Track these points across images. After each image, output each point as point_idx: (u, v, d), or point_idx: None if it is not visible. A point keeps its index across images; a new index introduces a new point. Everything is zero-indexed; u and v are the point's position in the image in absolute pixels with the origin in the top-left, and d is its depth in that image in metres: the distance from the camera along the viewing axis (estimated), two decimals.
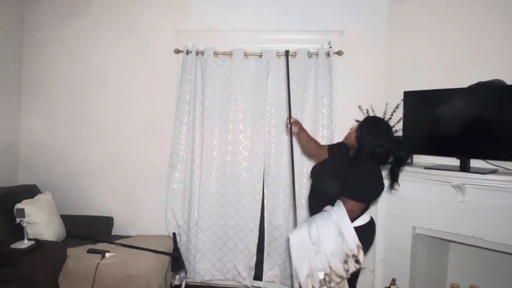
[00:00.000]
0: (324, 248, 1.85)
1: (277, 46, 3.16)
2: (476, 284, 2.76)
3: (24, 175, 3.46)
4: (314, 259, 1.85)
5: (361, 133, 1.98)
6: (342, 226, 1.85)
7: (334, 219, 1.88)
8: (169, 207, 3.24)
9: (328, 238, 1.86)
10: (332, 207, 1.94)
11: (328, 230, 1.87)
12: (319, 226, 1.89)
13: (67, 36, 3.43)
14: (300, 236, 1.91)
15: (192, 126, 3.19)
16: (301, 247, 1.90)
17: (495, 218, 2.43)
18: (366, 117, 2.17)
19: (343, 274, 1.82)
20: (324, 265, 1.83)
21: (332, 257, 1.83)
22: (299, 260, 1.89)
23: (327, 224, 1.88)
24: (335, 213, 1.89)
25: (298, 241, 1.91)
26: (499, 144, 2.41)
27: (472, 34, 2.71)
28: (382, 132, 1.97)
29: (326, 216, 1.92)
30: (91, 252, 2.65)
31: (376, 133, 1.95)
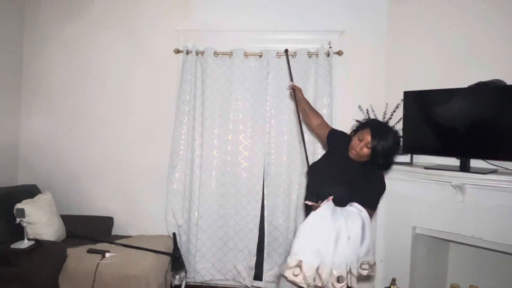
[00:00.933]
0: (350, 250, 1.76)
1: (277, 46, 3.15)
2: (476, 284, 2.76)
3: (24, 175, 3.46)
4: (335, 254, 1.72)
5: (379, 150, 1.86)
6: (366, 233, 1.80)
7: (364, 221, 1.81)
8: (169, 207, 3.24)
9: (356, 243, 1.77)
10: (358, 211, 1.84)
11: (357, 236, 1.78)
12: (349, 227, 1.77)
13: (67, 36, 3.43)
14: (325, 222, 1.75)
15: (192, 126, 3.19)
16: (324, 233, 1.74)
17: (495, 218, 2.43)
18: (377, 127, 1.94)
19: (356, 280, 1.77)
20: (342, 266, 1.73)
21: (357, 262, 1.77)
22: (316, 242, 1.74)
23: (357, 226, 1.79)
24: (364, 216, 1.82)
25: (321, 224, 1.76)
26: (499, 144, 2.41)
27: (472, 34, 2.71)
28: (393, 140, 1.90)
29: (354, 216, 1.81)
30: (91, 252, 2.65)
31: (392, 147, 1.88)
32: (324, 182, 2.00)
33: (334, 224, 1.75)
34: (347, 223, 1.77)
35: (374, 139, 1.85)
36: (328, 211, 1.78)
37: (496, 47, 2.60)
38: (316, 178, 2.08)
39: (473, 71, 2.64)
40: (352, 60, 3.16)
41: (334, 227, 1.75)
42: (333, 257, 1.73)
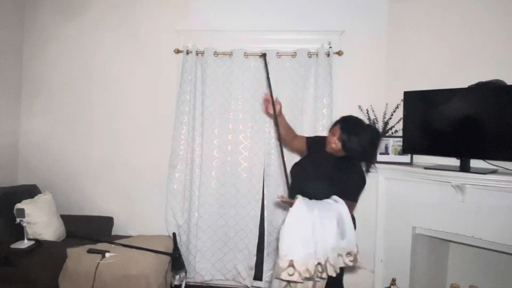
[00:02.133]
0: (324, 239, 1.80)
1: (277, 46, 3.16)
2: (476, 284, 2.76)
3: (24, 175, 3.46)
4: (315, 244, 1.79)
5: (349, 142, 1.99)
6: (345, 223, 1.87)
7: (338, 213, 1.87)
8: (169, 207, 3.24)
9: (330, 231, 1.82)
10: (333, 202, 1.92)
11: (331, 223, 1.84)
12: (322, 216, 1.83)
13: (67, 36, 3.43)
14: (305, 213, 1.82)
15: (192, 126, 3.19)
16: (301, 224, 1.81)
17: (495, 218, 2.43)
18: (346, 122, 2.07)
19: (337, 269, 1.81)
20: (321, 255, 1.78)
21: (332, 251, 1.81)
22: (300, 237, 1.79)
23: (331, 217, 1.85)
24: (339, 207, 1.88)
25: (301, 217, 1.82)
26: (499, 144, 2.41)
27: (472, 34, 2.71)
28: (366, 134, 2.02)
29: (329, 207, 1.89)
30: (91, 252, 2.64)
31: (363, 138, 1.99)
32: (306, 180, 2.09)
33: (311, 215, 1.82)
34: (320, 213, 1.84)
35: (343, 133, 2.01)
36: (302, 205, 1.85)
37: (496, 47, 2.60)
38: (299, 176, 2.16)
39: (473, 71, 2.64)
40: (352, 60, 3.16)
41: (310, 218, 1.82)
42: (315, 248, 1.79)
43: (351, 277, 3.17)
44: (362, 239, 3.15)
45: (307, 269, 1.74)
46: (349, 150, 2.00)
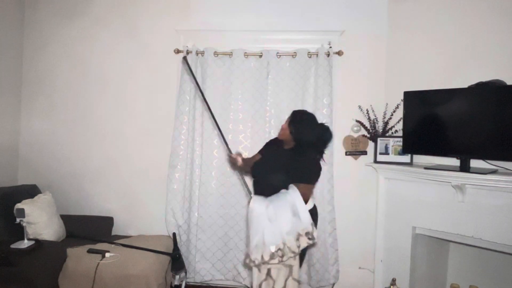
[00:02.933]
0: (280, 227, 2.01)
1: (277, 46, 3.16)
2: (476, 284, 2.76)
3: (24, 175, 3.46)
4: (268, 234, 2.01)
5: (295, 129, 2.21)
6: (297, 207, 2.04)
7: (289, 201, 2.05)
8: (169, 207, 3.24)
9: (284, 219, 2.02)
10: (286, 190, 2.10)
11: (284, 212, 2.04)
12: (276, 207, 2.05)
13: (67, 36, 3.43)
14: (259, 209, 2.07)
15: (192, 126, 3.19)
16: (259, 219, 2.06)
17: (495, 218, 2.43)
18: (294, 112, 2.31)
19: (296, 250, 2.01)
20: (277, 241, 2.00)
21: (287, 235, 2.01)
22: (255, 230, 2.05)
23: (284, 206, 2.05)
24: (290, 196, 2.07)
25: (258, 213, 2.06)
26: (499, 144, 2.41)
27: (472, 34, 2.71)
28: (312, 125, 2.22)
29: (282, 197, 2.09)
30: (91, 252, 2.65)
31: (307, 127, 2.20)
32: (266, 175, 2.27)
33: (266, 211, 2.06)
34: (273, 206, 2.06)
35: (290, 119, 2.26)
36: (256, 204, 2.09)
37: (496, 47, 2.60)
38: (260, 173, 2.33)
39: (473, 71, 2.64)
40: (352, 60, 3.16)
41: (265, 214, 2.05)
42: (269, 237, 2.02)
43: (351, 277, 3.18)
44: (362, 239, 3.19)
45: (262, 256, 2.00)
46: (294, 135, 2.20)
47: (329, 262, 3.09)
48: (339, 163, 3.16)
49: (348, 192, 3.18)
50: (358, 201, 3.19)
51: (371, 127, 3.10)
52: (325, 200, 3.07)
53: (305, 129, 2.20)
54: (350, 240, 3.17)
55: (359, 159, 3.20)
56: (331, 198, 3.08)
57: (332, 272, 3.10)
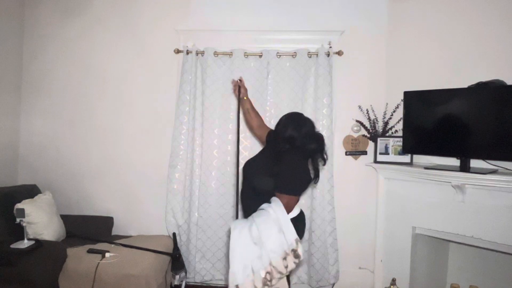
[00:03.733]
0: (265, 246, 1.81)
1: (277, 46, 3.16)
2: (476, 284, 2.76)
3: (24, 175, 3.46)
4: (256, 259, 1.81)
5: (276, 126, 2.10)
6: (281, 222, 1.84)
7: (272, 217, 1.86)
8: (169, 207, 3.24)
9: (270, 237, 1.83)
10: (269, 204, 1.92)
11: (269, 229, 1.84)
12: (259, 226, 1.85)
13: (67, 36, 3.42)
14: (243, 238, 1.86)
15: (192, 126, 3.19)
16: (244, 249, 1.84)
17: (495, 218, 2.43)
18: (291, 113, 2.17)
19: (283, 270, 1.81)
20: (265, 263, 1.80)
21: (272, 253, 1.81)
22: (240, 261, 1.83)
23: (267, 223, 1.85)
24: (273, 210, 1.87)
25: (242, 244, 1.85)
26: (499, 144, 2.41)
27: (472, 34, 2.71)
28: (294, 125, 2.03)
29: (264, 214, 1.89)
30: (91, 252, 2.65)
31: (286, 126, 2.04)
32: (253, 175, 2.10)
33: (251, 236, 1.85)
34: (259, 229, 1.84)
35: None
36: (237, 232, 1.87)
37: (496, 47, 2.60)
38: (248, 174, 2.16)
39: (473, 71, 2.64)
40: (352, 60, 3.16)
41: (251, 239, 1.84)
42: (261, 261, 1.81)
43: (351, 277, 3.18)
44: (362, 239, 3.19)
45: (254, 286, 1.79)
46: (273, 133, 2.10)
47: (329, 262, 3.09)
48: (339, 163, 3.16)
49: (348, 192, 3.18)
50: (358, 201, 3.19)
51: (371, 127, 3.10)
52: (325, 200, 3.08)
53: (286, 122, 2.05)
54: (350, 240, 3.17)
55: (359, 159, 3.20)
56: (331, 198, 3.08)
57: (332, 272, 3.10)
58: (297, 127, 2.04)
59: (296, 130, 2.02)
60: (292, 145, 2.02)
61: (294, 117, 2.11)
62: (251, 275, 1.80)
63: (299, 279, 3.18)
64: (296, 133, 2.01)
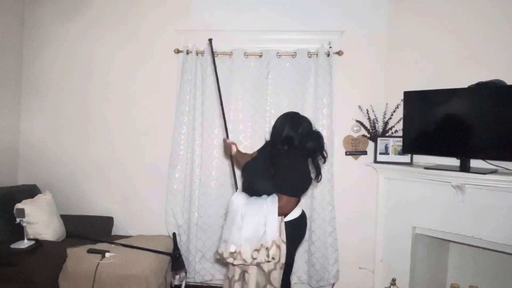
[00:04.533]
0: (243, 229, 1.93)
1: (277, 46, 3.16)
2: (476, 284, 2.76)
3: (24, 175, 3.46)
4: (235, 233, 1.95)
5: (273, 128, 2.12)
6: (267, 219, 1.93)
7: (264, 210, 1.94)
8: (169, 207, 3.24)
9: (250, 223, 1.93)
10: (266, 197, 1.99)
11: (253, 216, 1.94)
12: (249, 208, 1.97)
13: (67, 36, 3.42)
14: (238, 203, 2.01)
15: (192, 126, 3.19)
16: (232, 214, 2.00)
17: (495, 218, 2.43)
18: (289, 113, 2.19)
19: (248, 259, 1.91)
20: (237, 242, 1.93)
21: (245, 241, 1.92)
22: (227, 225, 2.02)
23: (256, 211, 1.95)
24: (266, 205, 1.95)
25: (234, 208, 2.01)
26: (499, 144, 2.41)
27: (472, 34, 2.71)
28: (291, 124, 2.05)
29: (259, 203, 1.98)
30: (91, 252, 2.64)
31: (283, 126, 2.06)
32: (253, 177, 2.15)
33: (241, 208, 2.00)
34: (249, 206, 1.99)
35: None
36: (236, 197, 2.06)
37: (496, 47, 2.60)
38: (247, 175, 2.21)
39: (473, 71, 2.64)
40: (352, 60, 3.16)
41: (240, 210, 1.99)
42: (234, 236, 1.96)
43: (351, 277, 3.17)
44: (362, 239, 3.19)
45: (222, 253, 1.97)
46: (272, 133, 2.12)
47: (329, 262, 3.09)
48: (339, 163, 3.16)
49: (348, 192, 3.18)
50: (358, 201, 3.19)
51: (371, 127, 3.10)
52: (325, 200, 3.08)
53: (280, 128, 2.07)
54: (350, 240, 3.17)
55: (359, 159, 3.20)
56: (331, 198, 3.08)
57: (332, 272, 3.10)
58: (294, 126, 2.05)
59: (293, 129, 2.04)
60: (291, 145, 2.02)
61: (290, 117, 2.12)
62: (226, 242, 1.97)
63: (299, 279, 3.18)
64: (294, 132, 2.03)
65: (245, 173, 2.22)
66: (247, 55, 3.16)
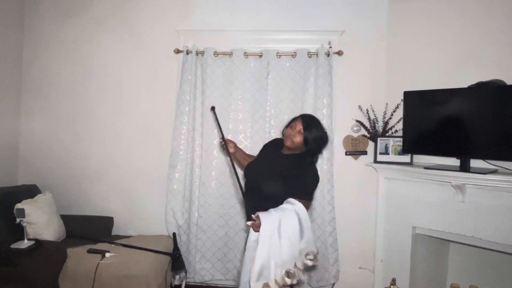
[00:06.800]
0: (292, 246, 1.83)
1: (277, 46, 3.16)
2: (476, 284, 2.75)
3: (24, 175, 3.46)
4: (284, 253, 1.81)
5: (311, 135, 2.01)
6: (303, 225, 1.86)
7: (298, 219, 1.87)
8: (169, 207, 3.24)
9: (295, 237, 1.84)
10: (291, 205, 1.90)
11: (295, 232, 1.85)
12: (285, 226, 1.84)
13: (67, 36, 3.42)
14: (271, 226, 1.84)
15: (192, 126, 3.19)
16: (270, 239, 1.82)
17: (495, 218, 2.43)
18: (305, 116, 2.15)
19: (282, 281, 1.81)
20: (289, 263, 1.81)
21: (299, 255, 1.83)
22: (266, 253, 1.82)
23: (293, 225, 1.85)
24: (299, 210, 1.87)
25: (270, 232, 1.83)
26: (499, 144, 2.41)
27: (472, 34, 2.71)
28: (323, 131, 2.07)
29: (290, 214, 1.87)
30: (91, 252, 2.65)
31: (321, 133, 2.04)
32: (260, 179, 2.06)
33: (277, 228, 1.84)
34: (284, 222, 1.85)
35: (304, 125, 2.03)
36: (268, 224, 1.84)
37: (496, 47, 2.60)
38: (253, 177, 2.14)
39: (473, 71, 2.64)
40: (352, 60, 3.16)
41: (276, 231, 1.83)
42: (280, 257, 1.82)
43: (351, 277, 3.17)
44: (362, 239, 3.19)
45: (276, 281, 1.79)
46: (309, 143, 2.00)
47: (329, 262, 3.09)
48: (339, 163, 3.16)
49: (348, 192, 3.18)
50: (358, 201, 3.19)
51: (371, 127, 3.10)
52: (325, 200, 3.08)
53: (320, 135, 2.03)
54: (350, 240, 3.17)
55: (359, 159, 3.20)
56: (331, 198, 3.08)
57: (332, 272, 3.10)
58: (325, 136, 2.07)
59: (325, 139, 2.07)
60: (319, 152, 2.09)
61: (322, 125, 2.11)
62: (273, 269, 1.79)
63: None
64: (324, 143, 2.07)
65: (250, 174, 2.16)
66: (247, 55, 3.16)
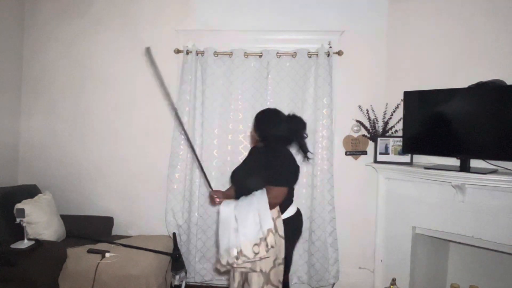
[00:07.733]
0: (240, 228, 1.97)
1: (277, 46, 3.16)
2: (476, 284, 2.76)
3: (24, 175, 3.46)
4: (233, 235, 1.98)
5: (258, 129, 2.21)
6: (260, 211, 1.98)
7: (255, 204, 2.00)
8: (169, 207, 3.24)
9: (245, 221, 1.98)
10: (255, 193, 2.05)
11: (246, 213, 1.99)
12: (241, 208, 2.02)
13: (67, 36, 3.42)
14: (228, 211, 2.04)
15: (192, 126, 3.19)
16: (226, 221, 2.02)
17: (495, 218, 2.43)
18: (256, 114, 2.30)
19: (250, 255, 1.94)
20: (236, 244, 1.96)
21: (243, 237, 1.96)
22: (222, 233, 2.03)
23: (248, 208, 2.00)
24: (256, 199, 2.01)
25: (225, 215, 2.04)
26: (499, 144, 2.41)
27: (472, 34, 2.71)
28: (273, 119, 2.20)
29: (249, 200, 2.04)
30: (91, 252, 2.65)
31: (267, 121, 2.20)
32: (242, 180, 2.22)
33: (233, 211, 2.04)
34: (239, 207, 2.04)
35: (253, 125, 2.28)
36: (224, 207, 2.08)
37: (496, 47, 2.60)
38: (237, 179, 2.28)
39: (473, 71, 2.64)
40: (352, 60, 3.16)
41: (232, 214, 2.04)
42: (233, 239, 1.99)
43: (351, 277, 3.18)
44: (362, 239, 3.19)
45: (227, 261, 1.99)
46: (264, 137, 2.18)
47: (329, 262, 3.09)
48: (339, 163, 3.16)
49: (348, 192, 3.18)
50: (358, 201, 3.19)
51: (371, 127, 3.10)
52: (325, 200, 3.07)
53: (266, 123, 2.19)
54: (350, 240, 3.17)
55: (359, 159, 3.20)
56: (331, 198, 3.08)
57: (332, 272, 3.10)
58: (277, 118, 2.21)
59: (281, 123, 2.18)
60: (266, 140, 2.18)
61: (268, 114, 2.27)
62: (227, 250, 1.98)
63: (299, 279, 3.18)
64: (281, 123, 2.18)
65: (235, 178, 2.29)
66: (247, 55, 3.16)
